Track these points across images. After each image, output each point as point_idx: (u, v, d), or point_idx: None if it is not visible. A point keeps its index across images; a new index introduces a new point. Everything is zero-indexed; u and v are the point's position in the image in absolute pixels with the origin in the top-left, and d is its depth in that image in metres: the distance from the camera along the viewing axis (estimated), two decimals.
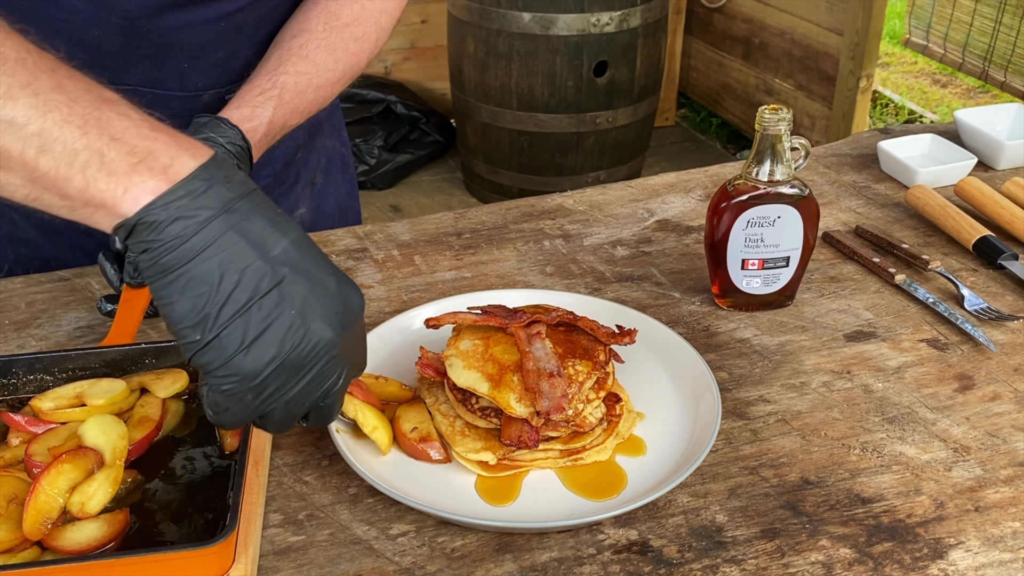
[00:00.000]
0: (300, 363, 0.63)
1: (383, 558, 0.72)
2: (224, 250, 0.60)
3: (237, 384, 0.62)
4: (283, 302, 0.62)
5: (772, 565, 0.72)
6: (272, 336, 0.62)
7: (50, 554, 0.68)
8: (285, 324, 0.62)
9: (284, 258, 0.63)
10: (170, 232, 0.60)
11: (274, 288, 0.62)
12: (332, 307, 0.64)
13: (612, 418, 0.82)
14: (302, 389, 0.65)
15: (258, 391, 0.63)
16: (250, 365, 0.61)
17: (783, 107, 0.94)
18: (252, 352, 0.61)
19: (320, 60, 0.99)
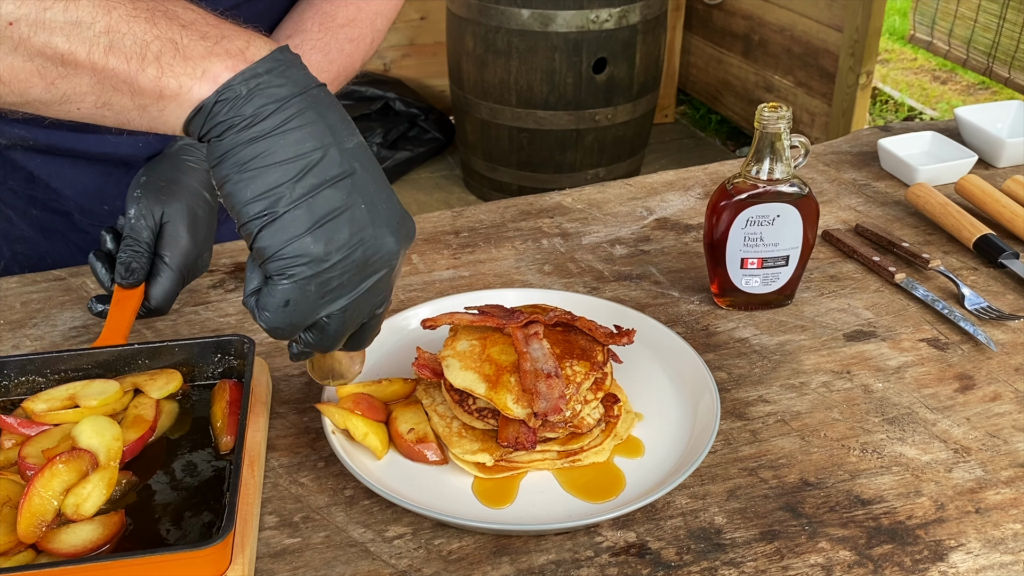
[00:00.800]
0: (365, 263, 0.62)
1: (379, 560, 0.72)
2: (305, 126, 0.59)
3: (304, 267, 0.60)
4: (355, 194, 0.61)
5: (771, 568, 0.71)
6: (343, 222, 0.60)
7: (45, 557, 0.67)
8: (356, 216, 0.61)
9: (357, 153, 0.62)
10: (251, 106, 0.59)
11: (347, 178, 0.60)
12: (396, 217, 0.63)
13: (610, 419, 0.82)
14: (362, 295, 0.63)
15: (322, 283, 0.61)
16: (318, 247, 0.59)
17: (782, 105, 0.93)
18: (322, 233, 0.59)
19: (314, 61, 0.98)
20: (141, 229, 0.91)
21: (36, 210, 1.12)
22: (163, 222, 0.92)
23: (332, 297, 0.62)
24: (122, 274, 0.89)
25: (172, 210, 0.92)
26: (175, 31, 0.59)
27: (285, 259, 0.60)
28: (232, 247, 1.13)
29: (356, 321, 0.65)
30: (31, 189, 1.10)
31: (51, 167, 1.08)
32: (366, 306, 0.65)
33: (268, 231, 0.59)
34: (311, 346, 0.66)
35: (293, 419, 0.86)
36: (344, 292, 0.62)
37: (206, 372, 0.84)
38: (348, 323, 0.65)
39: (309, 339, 0.65)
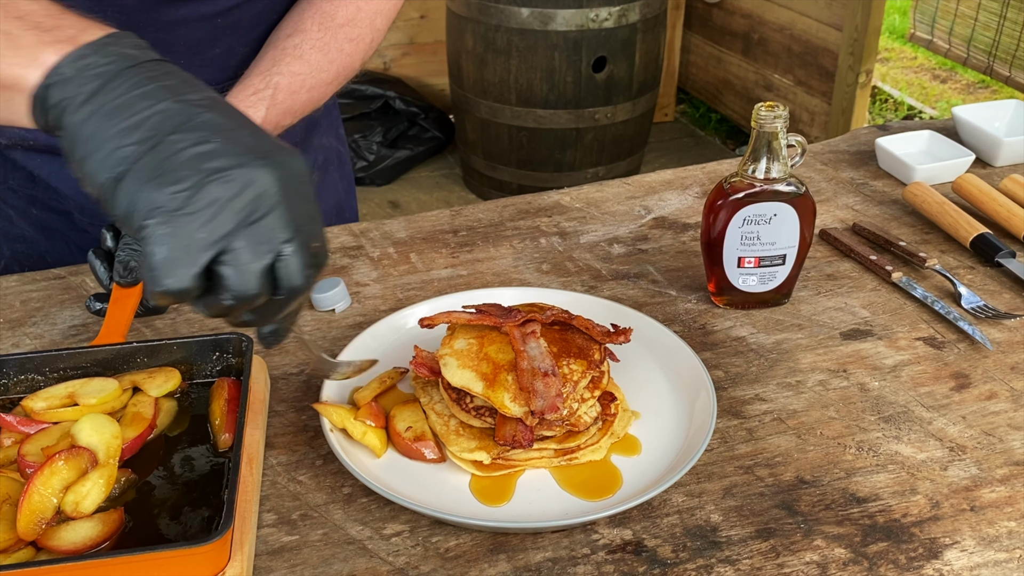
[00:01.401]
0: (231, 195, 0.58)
1: (377, 558, 0.72)
2: (136, 91, 0.59)
3: (159, 214, 0.57)
4: (200, 132, 0.59)
5: (767, 565, 0.71)
6: (186, 160, 0.58)
7: (45, 554, 0.67)
8: (207, 150, 0.58)
9: (203, 101, 0.60)
10: (77, 85, 0.59)
11: (190, 121, 0.59)
12: (267, 150, 0.60)
13: (607, 417, 0.82)
14: (247, 233, 0.59)
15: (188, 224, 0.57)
16: (164, 193, 0.57)
17: (779, 104, 0.94)
18: (166, 178, 0.57)
19: (314, 60, 0.98)
20: None
21: (36, 209, 1.12)
22: None
23: (209, 236, 0.58)
24: (121, 272, 0.89)
25: None
26: (9, 22, 0.61)
27: (137, 214, 0.58)
28: None
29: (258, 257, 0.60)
30: (31, 188, 1.11)
31: (51, 166, 1.08)
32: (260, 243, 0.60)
33: (115, 195, 0.58)
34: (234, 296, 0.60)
35: (291, 417, 0.86)
36: (223, 227, 0.58)
37: (204, 370, 0.85)
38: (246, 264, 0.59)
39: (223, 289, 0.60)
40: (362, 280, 1.07)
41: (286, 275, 0.62)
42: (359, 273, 1.09)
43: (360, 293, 1.05)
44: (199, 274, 0.59)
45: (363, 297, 1.04)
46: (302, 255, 0.62)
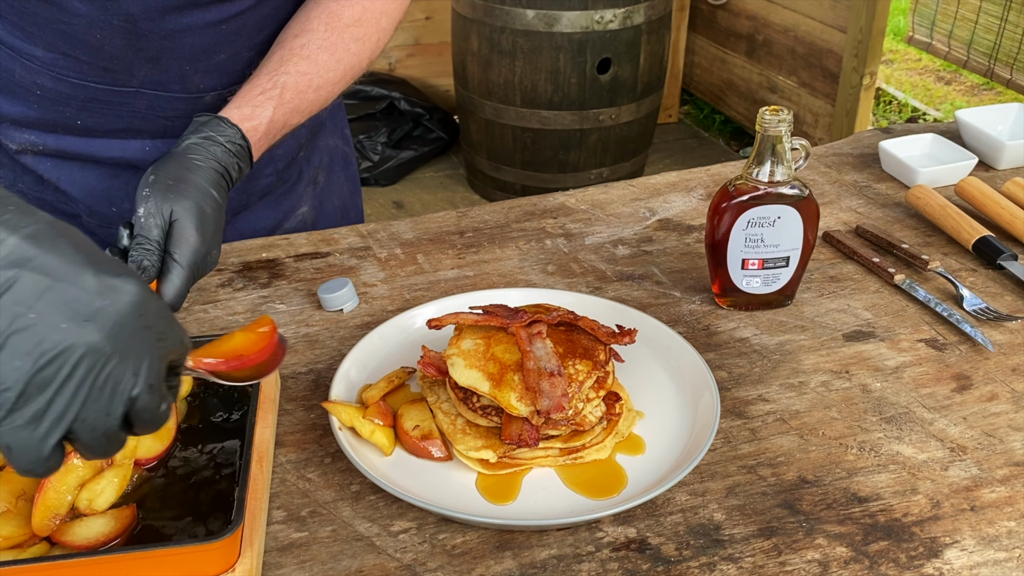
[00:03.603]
0: (59, 374, 0.54)
1: (385, 555, 0.73)
2: None
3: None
4: (17, 309, 0.53)
5: (769, 563, 0.72)
6: (12, 351, 0.53)
7: (59, 549, 0.69)
8: (27, 334, 0.53)
9: (13, 257, 0.54)
10: None
11: (2, 296, 0.53)
12: (87, 302, 0.55)
13: (612, 417, 0.83)
14: (89, 403, 0.56)
15: (29, 418, 0.54)
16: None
17: (783, 108, 0.95)
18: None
19: (321, 60, 0.99)
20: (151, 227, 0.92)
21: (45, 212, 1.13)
22: (172, 220, 0.93)
23: (49, 420, 0.55)
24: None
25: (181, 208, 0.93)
26: None
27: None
28: (240, 246, 1.14)
29: (111, 418, 0.57)
30: (41, 192, 1.12)
31: (61, 170, 1.09)
32: (108, 403, 0.57)
33: None
34: (95, 455, 0.59)
35: (300, 416, 0.87)
36: (58, 409, 0.55)
37: None
38: (100, 427, 0.57)
39: (85, 453, 0.59)
40: (369, 280, 1.08)
41: (140, 421, 0.59)
42: (367, 274, 1.10)
43: (368, 293, 1.06)
44: (51, 454, 0.56)
45: (370, 297, 1.05)
46: (154, 394, 0.59)
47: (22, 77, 0.99)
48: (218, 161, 0.89)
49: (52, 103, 1.01)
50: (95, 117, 1.02)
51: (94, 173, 1.10)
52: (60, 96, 1.00)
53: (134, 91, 1.00)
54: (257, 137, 0.94)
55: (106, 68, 0.98)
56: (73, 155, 1.08)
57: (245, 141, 0.92)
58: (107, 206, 1.12)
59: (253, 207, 1.18)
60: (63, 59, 0.97)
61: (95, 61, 0.97)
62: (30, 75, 0.99)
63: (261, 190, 1.17)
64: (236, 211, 1.16)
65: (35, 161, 1.09)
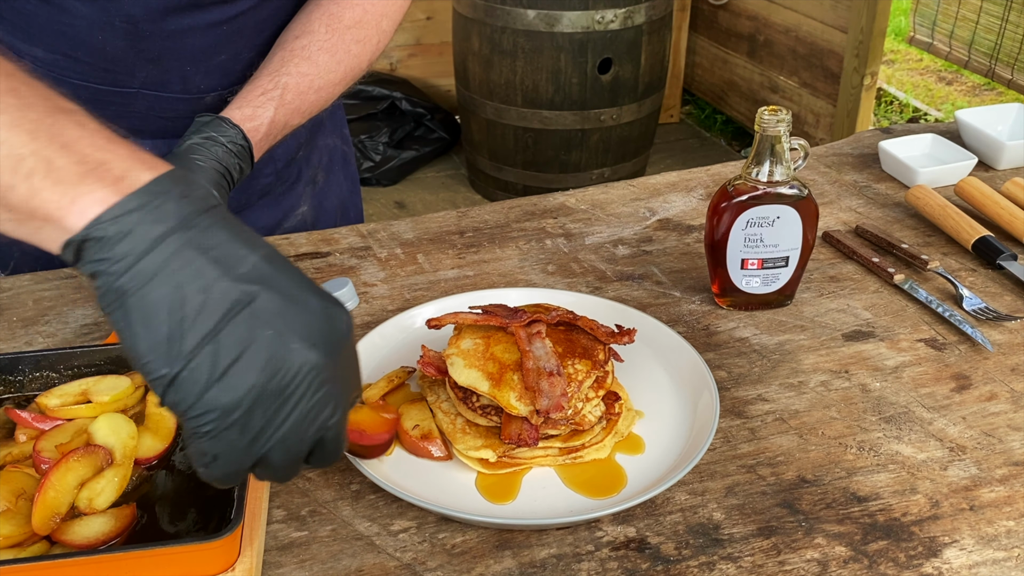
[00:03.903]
0: (284, 391, 0.56)
1: (384, 554, 0.73)
2: (183, 268, 0.54)
3: (216, 422, 0.55)
4: (256, 323, 0.55)
5: (768, 562, 0.73)
6: (248, 362, 0.55)
7: (59, 548, 0.69)
8: (262, 347, 0.55)
9: (254, 275, 0.56)
10: (120, 250, 0.54)
11: (244, 309, 0.55)
12: (315, 326, 0.57)
13: (611, 416, 0.83)
14: (295, 423, 0.58)
15: (244, 429, 0.56)
16: (227, 397, 0.55)
17: (782, 108, 0.95)
18: (227, 382, 0.54)
19: (322, 61, 1.00)
20: None
21: None
22: None
23: (262, 437, 0.57)
24: None
25: None
26: (53, 149, 0.55)
27: (196, 417, 0.55)
28: None
29: (302, 447, 0.59)
30: None
31: None
32: (307, 430, 0.59)
33: (172, 391, 0.55)
34: (270, 479, 0.62)
35: None
36: (272, 430, 0.57)
37: None
38: (292, 453, 0.59)
39: (259, 474, 0.60)
40: (370, 280, 1.09)
41: (323, 453, 0.62)
42: (367, 273, 1.10)
43: (368, 293, 1.06)
44: (248, 470, 0.59)
45: (371, 297, 1.05)
46: (342, 428, 0.61)
47: None
48: (219, 161, 0.89)
49: None
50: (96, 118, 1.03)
51: None
52: None
53: (135, 92, 1.01)
54: (258, 138, 0.94)
55: (107, 69, 0.98)
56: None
57: (246, 141, 0.92)
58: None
59: (253, 207, 1.18)
60: (64, 60, 0.97)
61: (96, 62, 0.97)
62: None
63: (260, 190, 1.17)
64: (236, 211, 1.17)
65: None
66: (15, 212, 0.56)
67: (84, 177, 0.55)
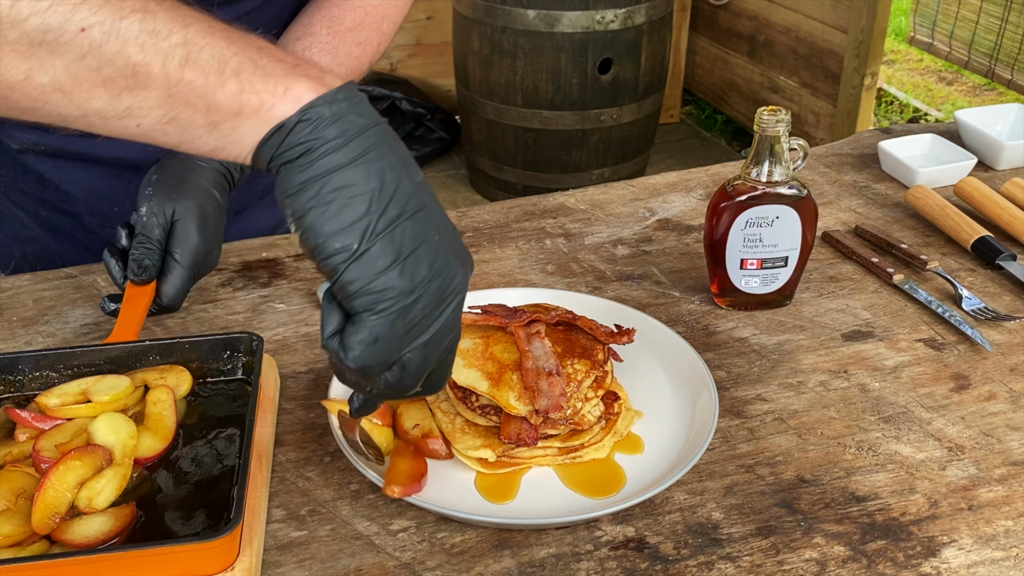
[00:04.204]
0: (443, 294, 0.61)
1: (384, 553, 0.73)
2: (382, 159, 0.59)
3: (392, 302, 0.59)
4: (430, 225, 0.60)
5: (767, 562, 0.73)
6: (424, 254, 0.59)
7: (58, 547, 0.69)
8: (432, 248, 0.60)
9: (425, 186, 0.62)
10: (332, 131, 0.58)
11: (422, 210, 0.60)
12: (461, 247, 0.63)
13: (610, 416, 0.83)
14: (442, 327, 0.62)
15: (407, 317, 0.59)
16: (404, 281, 0.59)
17: (781, 108, 0.95)
18: (407, 267, 0.59)
19: (323, 63, 1.00)
20: (153, 227, 0.92)
21: (46, 211, 1.14)
22: (174, 220, 0.93)
23: (416, 331, 0.61)
24: (135, 271, 0.90)
25: (183, 208, 0.94)
26: (252, 51, 0.59)
27: (374, 294, 0.58)
28: (240, 246, 1.15)
29: (435, 356, 0.64)
30: (42, 191, 1.12)
31: (62, 170, 1.09)
32: (443, 340, 0.63)
33: (356, 266, 0.58)
34: (391, 387, 0.64)
35: (300, 415, 0.88)
36: (426, 325, 0.61)
37: (216, 369, 0.86)
38: (428, 358, 0.63)
39: (390, 379, 0.63)
40: None
41: (437, 379, 0.67)
42: None
43: None
44: (392, 363, 0.62)
45: None
46: (452, 360, 0.67)
47: None
48: (221, 162, 0.89)
49: None
50: None
51: (96, 172, 1.10)
52: None
53: None
54: None
55: None
56: (75, 154, 1.08)
57: None
58: (108, 206, 1.12)
59: (253, 207, 1.19)
60: None
61: None
62: None
63: (261, 190, 1.17)
64: (237, 211, 1.17)
65: (36, 161, 1.09)
66: (218, 112, 0.58)
67: (290, 72, 0.59)
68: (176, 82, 0.57)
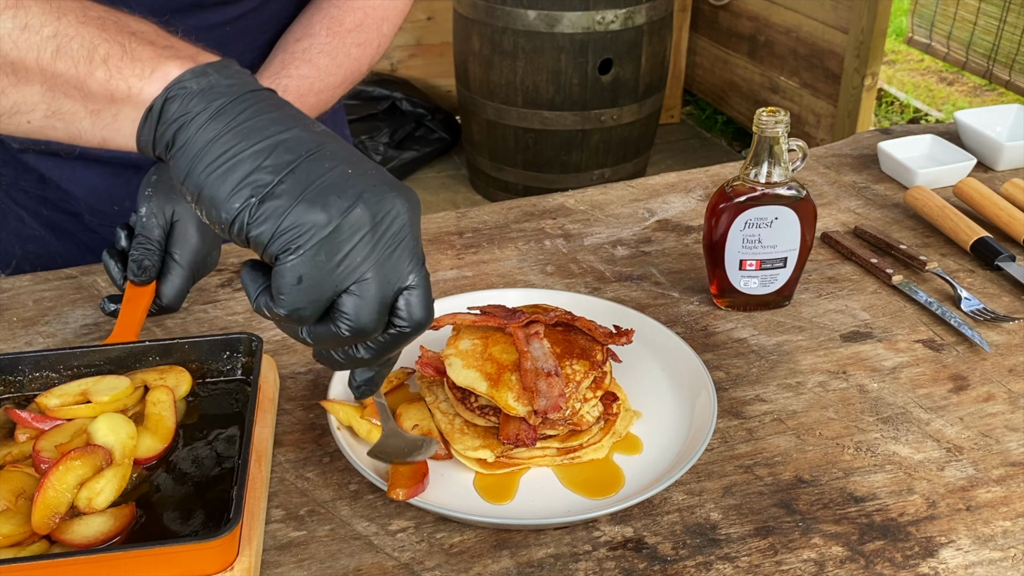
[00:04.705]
0: (376, 220, 0.57)
1: (383, 553, 0.74)
2: (263, 115, 0.57)
3: (307, 236, 0.56)
4: (337, 161, 0.58)
5: (765, 562, 0.73)
6: (333, 185, 0.56)
7: (58, 547, 0.69)
8: (344, 177, 0.57)
9: (327, 134, 0.59)
10: (200, 103, 0.56)
11: (318, 150, 0.58)
12: (392, 180, 0.60)
13: (609, 417, 0.83)
14: (383, 257, 0.58)
15: (331, 248, 0.56)
16: (316, 213, 0.56)
17: (780, 109, 0.95)
18: (315, 200, 0.56)
19: (322, 65, 1.00)
20: (152, 227, 0.93)
21: (47, 210, 1.14)
22: (173, 220, 0.94)
23: (352, 261, 0.57)
24: (134, 271, 0.91)
25: (182, 209, 0.94)
26: (124, 36, 0.59)
27: (285, 234, 0.56)
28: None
29: (388, 287, 0.59)
30: (42, 190, 1.12)
31: (63, 169, 1.10)
32: (393, 270, 0.59)
33: (259, 214, 0.56)
34: (356, 328, 0.59)
35: (299, 415, 0.88)
36: (363, 252, 0.57)
37: (215, 369, 0.86)
38: (380, 290, 0.59)
39: (345, 319, 0.59)
40: None
41: (409, 310, 0.61)
42: None
43: None
44: (327, 301, 0.58)
45: None
46: (426, 289, 0.62)
47: None
48: None
49: None
50: None
51: (96, 172, 1.10)
52: None
53: None
54: None
55: None
56: (76, 153, 1.08)
57: None
58: (109, 205, 1.12)
59: None
60: None
61: None
62: None
63: None
64: None
65: (37, 160, 1.09)
66: (94, 101, 0.58)
67: (159, 54, 0.59)
68: (51, 75, 0.58)
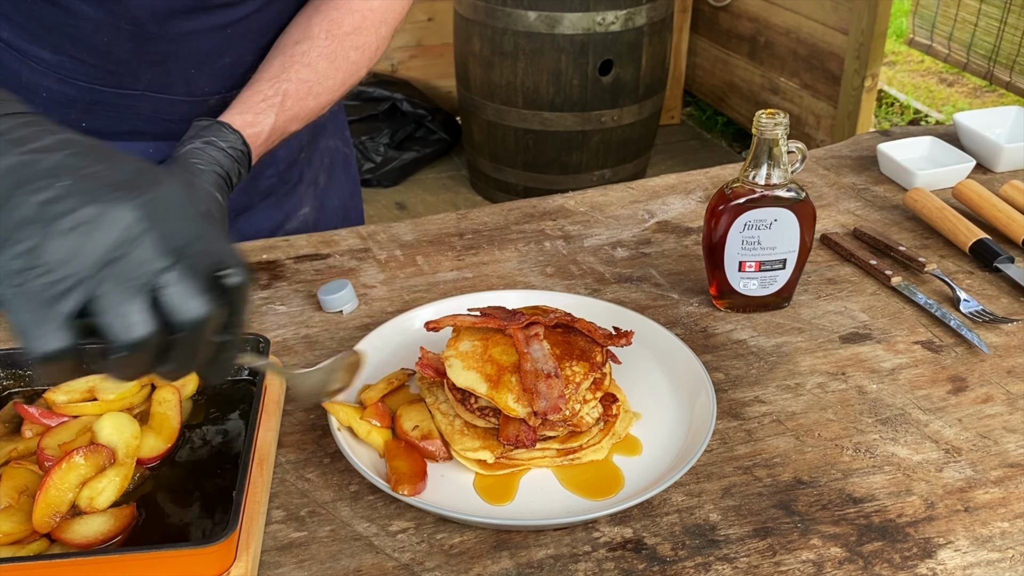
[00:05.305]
0: (88, 242, 0.53)
1: (383, 554, 0.74)
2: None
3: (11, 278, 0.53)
4: (51, 179, 0.55)
5: (764, 563, 0.73)
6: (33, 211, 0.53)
7: (58, 547, 0.69)
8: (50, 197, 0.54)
9: (56, 145, 0.56)
10: None
11: (35, 168, 0.55)
12: (123, 179, 0.56)
13: (609, 418, 0.83)
14: (112, 277, 0.54)
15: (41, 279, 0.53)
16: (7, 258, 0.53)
17: (780, 111, 0.95)
18: (12, 239, 0.53)
19: (321, 68, 1.00)
20: None
21: None
22: None
23: (62, 286, 0.53)
24: None
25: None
26: None
27: None
28: (244, 247, 1.15)
29: (128, 292, 0.54)
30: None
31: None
32: (127, 273, 0.54)
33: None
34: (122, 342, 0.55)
35: (300, 416, 0.88)
36: (76, 273, 0.53)
37: None
38: (117, 298, 0.54)
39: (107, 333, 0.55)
40: (369, 282, 1.09)
41: (172, 307, 0.56)
42: (366, 275, 1.10)
43: (367, 295, 1.07)
44: (67, 331, 0.54)
45: (370, 299, 1.06)
46: (189, 280, 0.56)
47: (28, 79, 1.00)
48: (220, 165, 0.90)
49: (57, 105, 1.02)
50: (100, 119, 1.03)
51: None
52: (66, 98, 1.01)
53: (139, 94, 1.01)
54: (258, 144, 0.95)
55: (112, 71, 0.99)
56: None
57: (246, 147, 0.93)
58: None
59: (255, 208, 1.19)
60: (70, 62, 0.98)
61: (102, 64, 0.98)
62: (36, 77, 1.00)
63: (263, 191, 1.18)
64: (239, 212, 1.17)
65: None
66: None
67: None
68: None
